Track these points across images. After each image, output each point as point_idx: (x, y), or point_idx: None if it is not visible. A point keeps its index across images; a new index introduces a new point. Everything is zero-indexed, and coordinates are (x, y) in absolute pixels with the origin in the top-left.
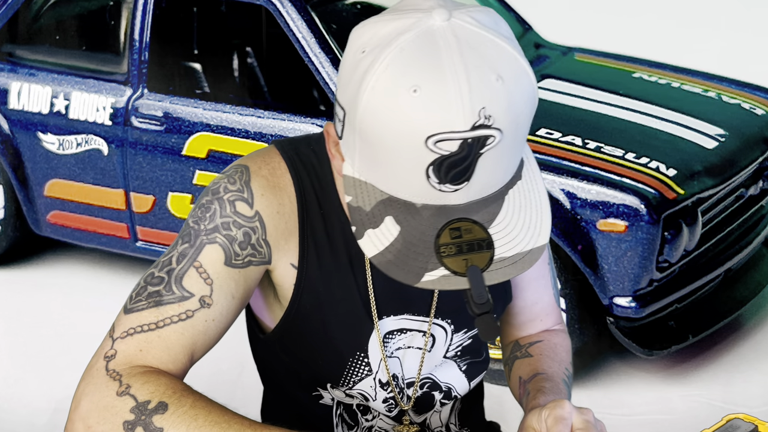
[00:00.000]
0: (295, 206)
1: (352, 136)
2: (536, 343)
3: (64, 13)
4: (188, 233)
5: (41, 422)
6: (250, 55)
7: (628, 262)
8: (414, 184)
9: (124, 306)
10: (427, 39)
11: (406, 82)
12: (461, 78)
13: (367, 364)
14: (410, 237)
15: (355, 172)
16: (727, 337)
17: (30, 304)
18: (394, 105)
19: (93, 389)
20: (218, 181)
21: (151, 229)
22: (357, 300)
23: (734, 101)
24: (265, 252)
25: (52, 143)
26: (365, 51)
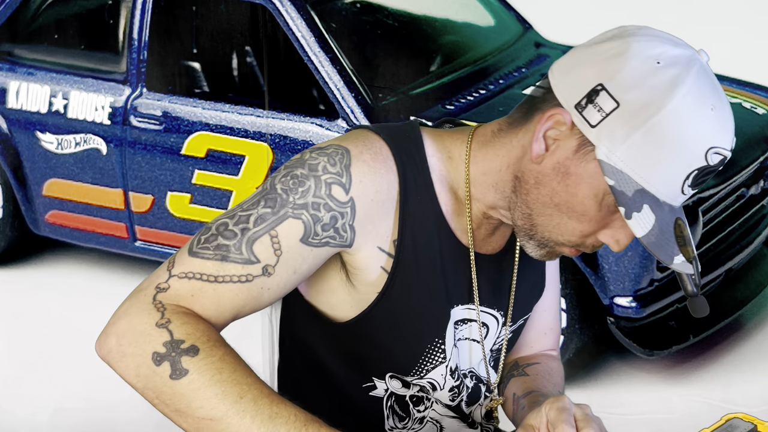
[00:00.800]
0: (395, 191)
1: (627, 130)
2: (534, 364)
3: (63, 12)
4: (274, 198)
5: (41, 422)
6: (249, 54)
7: (628, 262)
8: (673, 183)
9: (189, 246)
10: (707, 72)
11: (708, 101)
12: (729, 109)
13: (443, 351)
14: (663, 225)
15: (612, 159)
16: (727, 337)
17: (29, 304)
18: (700, 116)
19: (135, 311)
20: (317, 158)
21: (150, 228)
22: (441, 286)
23: (735, 100)
24: (347, 236)
25: (51, 143)
26: (660, 63)
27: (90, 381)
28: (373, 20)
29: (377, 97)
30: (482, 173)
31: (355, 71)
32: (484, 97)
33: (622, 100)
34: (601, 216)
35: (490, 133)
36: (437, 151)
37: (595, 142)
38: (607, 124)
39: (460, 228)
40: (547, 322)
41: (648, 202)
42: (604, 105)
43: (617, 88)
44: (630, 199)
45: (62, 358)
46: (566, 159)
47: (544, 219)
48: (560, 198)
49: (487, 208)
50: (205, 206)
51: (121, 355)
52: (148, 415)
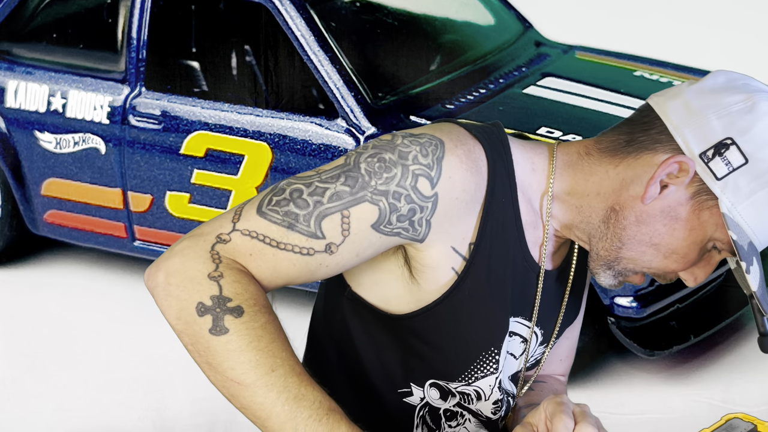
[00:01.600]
0: (482, 192)
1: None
2: (540, 382)
3: (62, 11)
4: (355, 178)
5: (39, 422)
6: (248, 53)
7: None
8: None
9: (259, 203)
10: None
11: None
12: None
13: (496, 362)
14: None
15: (733, 214)
16: (728, 337)
17: (27, 304)
18: None
19: (191, 255)
20: (410, 144)
21: (149, 228)
22: (506, 296)
23: None
24: (421, 231)
25: (49, 142)
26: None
27: (89, 381)
28: (372, 19)
29: (377, 97)
30: (566, 193)
31: (354, 70)
32: (484, 96)
33: (753, 157)
34: (698, 259)
35: (576, 153)
36: (522, 159)
37: (718, 195)
38: (732, 178)
39: (532, 240)
40: (566, 348)
41: (755, 255)
42: (732, 159)
43: (748, 145)
44: (746, 253)
45: (61, 358)
46: (678, 204)
47: (635, 255)
48: (662, 239)
49: (562, 227)
50: (204, 206)
51: (166, 293)
52: (146, 416)
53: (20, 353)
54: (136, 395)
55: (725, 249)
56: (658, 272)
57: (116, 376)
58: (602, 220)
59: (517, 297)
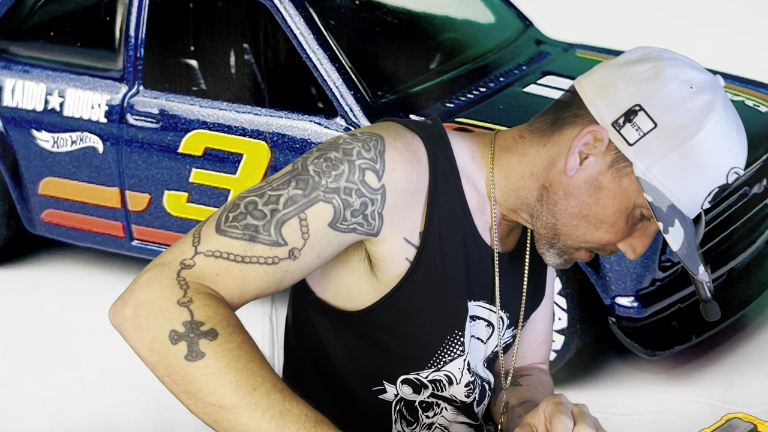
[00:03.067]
0: (425, 182)
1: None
2: (526, 375)
3: (59, 9)
4: (306, 180)
5: (38, 423)
6: (247, 51)
7: (630, 262)
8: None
9: (217, 223)
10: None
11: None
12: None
13: (462, 344)
14: (689, 238)
15: (648, 176)
16: (730, 337)
17: (24, 304)
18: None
19: (157, 285)
20: (352, 142)
21: (146, 228)
22: (462, 279)
23: (738, 98)
24: (375, 224)
25: (47, 141)
26: (693, 88)
27: (87, 381)
28: (372, 17)
29: (376, 95)
30: (504, 177)
31: (354, 69)
32: (484, 95)
33: (660, 121)
34: (627, 228)
35: (511, 138)
36: (461, 149)
37: (632, 160)
38: (644, 142)
39: (481, 225)
40: (541, 332)
41: (677, 217)
42: (642, 125)
43: (655, 109)
44: (665, 215)
45: (59, 358)
46: (600, 174)
47: (569, 229)
48: (590, 210)
49: (507, 210)
50: (202, 205)
51: (135, 326)
52: (146, 416)
53: (18, 353)
54: (134, 395)
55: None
56: (595, 245)
57: (115, 377)
58: (537, 199)
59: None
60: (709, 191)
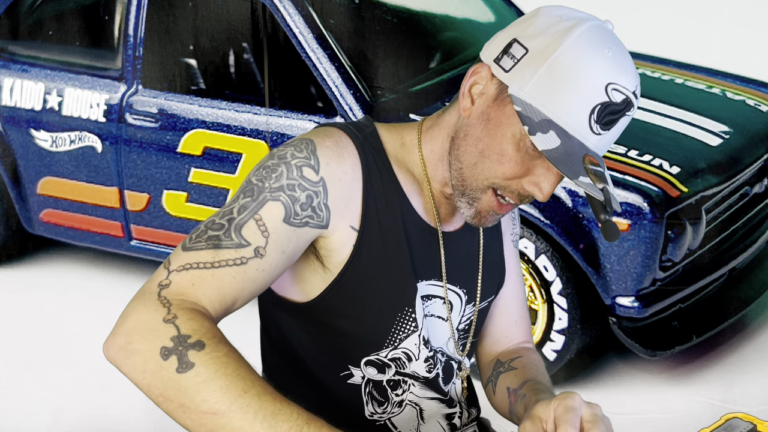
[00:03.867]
0: (358, 172)
1: (533, 69)
2: (517, 358)
3: (58, 9)
4: (251, 189)
5: (37, 423)
6: (246, 51)
7: (630, 262)
8: (577, 116)
9: (183, 244)
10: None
11: (602, 44)
12: (630, 60)
13: (414, 320)
14: (569, 149)
15: (521, 95)
16: (731, 337)
17: (23, 304)
18: (594, 54)
19: (143, 309)
20: (284, 149)
21: (145, 227)
22: (407, 259)
23: (739, 98)
24: (323, 216)
25: (45, 140)
26: (562, 18)
27: (86, 381)
28: (372, 16)
29: (376, 95)
30: (430, 151)
31: (353, 68)
32: None
33: (530, 46)
34: (521, 158)
35: (435, 116)
36: (390, 138)
37: (508, 83)
38: (518, 67)
39: (422, 207)
40: (516, 309)
41: (555, 130)
42: (516, 53)
43: (526, 38)
44: (536, 123)
45: (57, 358)
46: (488, 107)
47: (471, 169)
48: (483, 144)
49: (442, 185)
50: (201, 205)
51: (128, 352)
52: (145, 415)
53: (16, 353)
54: (133, 395)
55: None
56: (498, 183)
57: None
58: (448, 152)
59: (422, 261)
60: (589, 107)
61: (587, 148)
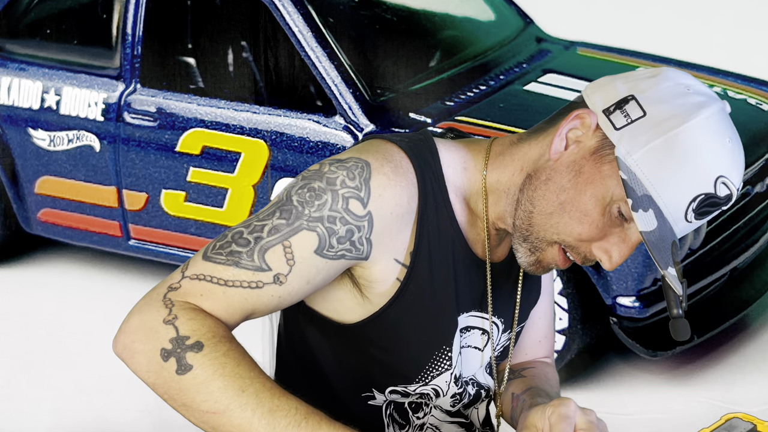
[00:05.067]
0: (414, 203)
1: (648, 137)
2: (529, 368)
3: (56, 7)
4: (289, 210)
5: (35, 424)
6: (245, 49)
7: (631, 261)
8: (679, 201)
9: (204, 251)
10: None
11: (725, 132)
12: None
13: (449, 359)
14: (662, 234)
15: (628, 161)
16: (732, 337)
17: (20, 304)
18: (716, 141)
19: (146, 309)
20: (336, 171)
21: (144, 227)
22: (452, 295)
23: (740, 96)
24: (364, 249)
25: (43, 139)
26: (690, 90)
27: (84, 382)
28: (371, 15)
29: (375, 94)
30: (496, 181)
31: (353, 67)
32: (485, 93)
33: (650, 111)
34: (602, 223)
35: (508, 142)
36: (452, 161)
37: (615, 143)
38: (631, 128)
39: (472, 238)
40: (542, 329)
41: (653, 209)
42: (631, 112)
43: (647, 101)
44: (639, 198)
45: (55, 358)
46: (582, 158)
47: (544, 218)
48: (567, 195)
49: (497, 218)
50: (200, 204)
51: (132, 352)
52: (143, 416)
53: (14, 354)
54: (132, 396)
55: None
56: (569, 241)
57: (112, 377)
58: (520, 188)
59: (466, 293)
60: (693, 195)
61: (674, 234)
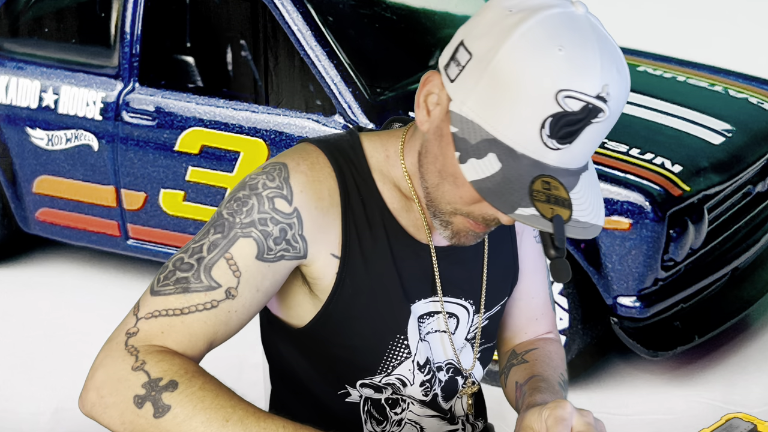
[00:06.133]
0: (336, 197)
1: (476, 78)
2: (532, 350)
3: (54, 5)
4: (222, 224)
5: (34, 424)
6: (244, 48)
7: (632, 261)
8: (526, 132)
9: (151, 287)
10: (571, 18)
11: (553, 41)
12: (596, 54)
13: (407, 347)
14: (509, 175)
15: (463, 110)
16: (733, 337)
17: (18, 304)
18: (540, 56)
19: (110, 361)
20: (256, 177)
21: (142, 226)
22: (396, 283)
23: (741, 95)
24: (300, 247)
25: (41, 139)
26: (512, 11)
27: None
28: (371, 14)
29: (375, 92)
30: (411, 164)
31: (352, 66)
32: None
33: (474, 50)
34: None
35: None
36: (375, 152)
37: (452, 96)
38: (462, 76)
39: (412, 224)
40: (537, 307)
41: (497, 151)
42: (461, 59)
43: (472, 39)
44: (472, 147)
45: (53, 358)
46: (441, 121)
47: (435, 191)
48: (440, 163)
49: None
50: (199, 204)
51: (103, 407)
52: None
53: (12, 354)
54: None
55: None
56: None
57: None
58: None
59: (417, 280)
60: (540, 121)
61: (546, 166)
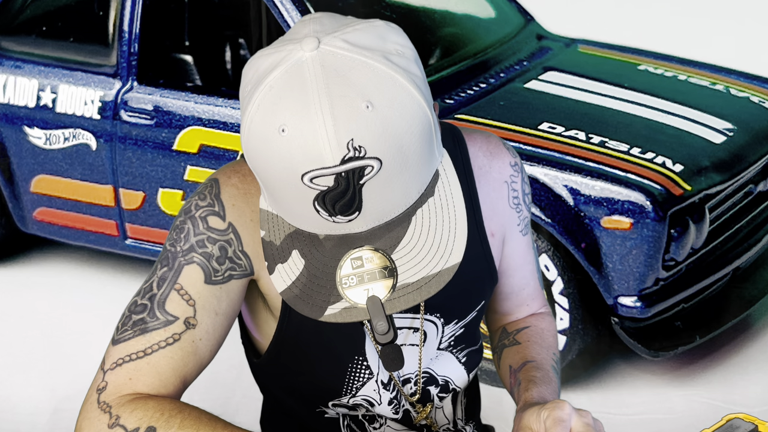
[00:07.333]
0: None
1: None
2: (523, 329)
3: (51, 4)
4: (166, 257)
5: (32, 424)
6: (243, 46)
7: (633, 261)
8: (309, 217)
9: (112, 338)
10: (295, 73)
11: (274, 123)
12: (326, 112)
13: (367, 367)
14: (314, 270)
15: (267, 205)
16: (734, 337)
17: (16, 304)
18: (267, 145)
19: (87, 424)
20: (190, 200)
21: (140, 226)
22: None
23: (743, 94)
24: (244, 263)
25: (39, 138)
26: (249, 88)
27: (81, 381)
28: (370, 12)
29: None
30: None
31: None
32: (485, 91)
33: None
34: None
35: None
36: None
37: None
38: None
39: None
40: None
41: (299, 246)
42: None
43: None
44: (277, 249)
45: (52, 358)
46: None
47: None
48: None
49: None
50: None
51: None
52: None
53: (9, 354)
54: None
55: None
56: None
57: None
58: None
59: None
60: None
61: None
